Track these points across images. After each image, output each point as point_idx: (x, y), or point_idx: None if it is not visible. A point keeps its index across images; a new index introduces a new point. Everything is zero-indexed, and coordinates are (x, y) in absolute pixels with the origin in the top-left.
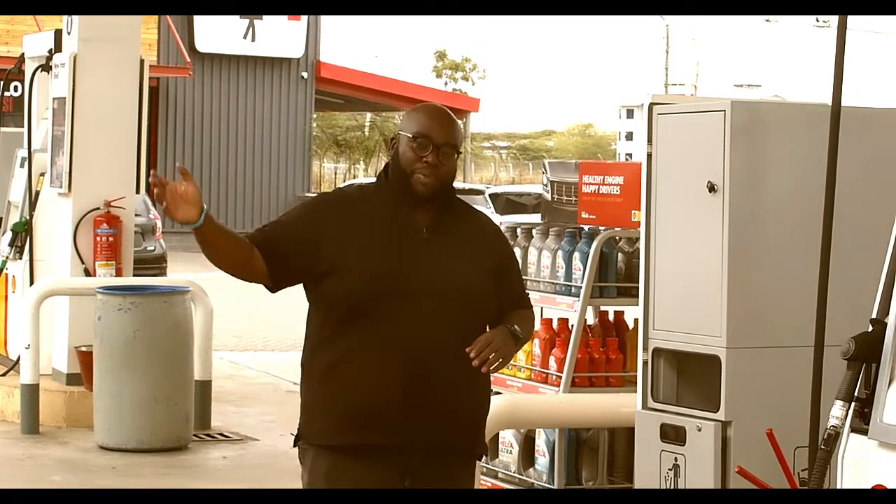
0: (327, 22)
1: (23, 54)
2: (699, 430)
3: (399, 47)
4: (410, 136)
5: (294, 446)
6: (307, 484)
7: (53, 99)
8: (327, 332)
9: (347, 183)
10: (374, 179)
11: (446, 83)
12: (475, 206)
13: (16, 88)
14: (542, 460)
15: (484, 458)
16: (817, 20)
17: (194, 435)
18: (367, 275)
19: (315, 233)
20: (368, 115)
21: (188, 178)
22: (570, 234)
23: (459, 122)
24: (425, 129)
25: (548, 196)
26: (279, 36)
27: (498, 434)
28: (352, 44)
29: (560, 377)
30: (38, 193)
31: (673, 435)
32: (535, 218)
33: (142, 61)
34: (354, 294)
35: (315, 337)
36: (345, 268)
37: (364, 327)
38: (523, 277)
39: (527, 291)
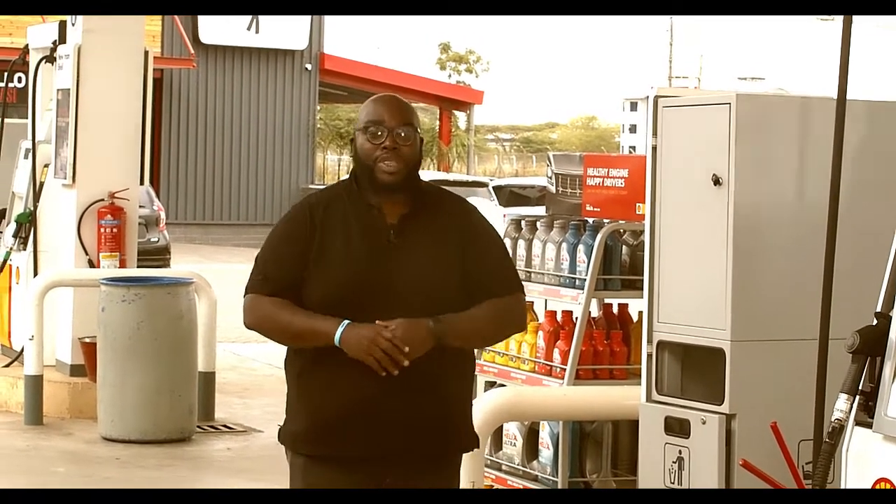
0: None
1: (27, 45)
2: (703, 423)
3: (403, 39)
4: (363, 127)
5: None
6: (290, 480)
7: (57, 90)
8: None
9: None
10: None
11: (450, 75)
12: (453, 192)
13: (20, 79)
14: (545, 453)
15: (477, 448)
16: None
17: (198, 426)
18: (331, 284)
19: (303, 244)
20: None
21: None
22: (574, 226)
23: (411, 104)
24: (376, 116)
25: (552, 188)
26: (283, 28)
27: (502, 426)
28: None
29: (564, 370)
30: (42, 184)
31: (677, 428)
32: (539, 210)
33: (146, 53)
34: (318, 303)
35: None
36: (312, 276)
37: None
38: (528, 270)
39: (510, 272)
